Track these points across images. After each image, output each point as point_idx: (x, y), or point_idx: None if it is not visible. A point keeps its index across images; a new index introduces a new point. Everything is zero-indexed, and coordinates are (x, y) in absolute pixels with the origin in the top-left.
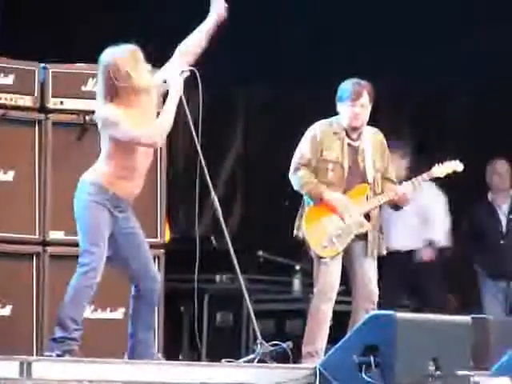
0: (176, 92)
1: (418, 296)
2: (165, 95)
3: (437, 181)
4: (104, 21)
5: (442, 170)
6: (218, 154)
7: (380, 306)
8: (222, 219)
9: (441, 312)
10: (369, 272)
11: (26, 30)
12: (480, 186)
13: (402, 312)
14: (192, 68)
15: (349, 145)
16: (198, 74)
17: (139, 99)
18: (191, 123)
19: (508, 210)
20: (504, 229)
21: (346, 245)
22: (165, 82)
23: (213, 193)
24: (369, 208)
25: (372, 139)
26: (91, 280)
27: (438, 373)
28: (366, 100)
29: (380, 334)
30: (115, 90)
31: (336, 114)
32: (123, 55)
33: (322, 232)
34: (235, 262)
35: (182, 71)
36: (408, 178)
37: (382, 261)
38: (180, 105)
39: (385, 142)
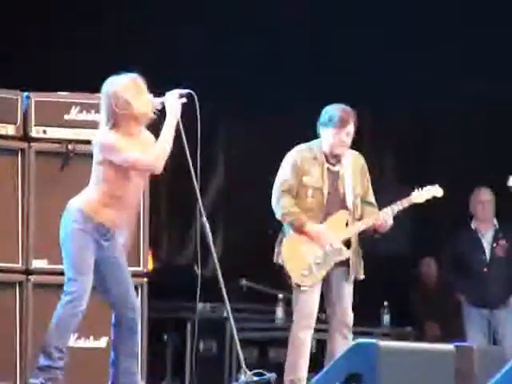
0: (173, 116)
1: None
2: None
3: (417, 207)
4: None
5: (421, 195)
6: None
7: None
8: (212, 245)
9: None
10: (346, 297)
11: (5, 59)
12: (463, 214)
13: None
14: (190, 91)
15: (328, 169)
16: (195, 97)
17: (139, 128)
18: (187, 150)
19: (491, 239)
20: (487, 257)
21: (325, 273)
22: (162, 104)
23: (204, 218)
24: (348, 235)
25: (352, 163)
26: (76, 308)
27: None
28: (351, 128)
29: (363, 362)
30: (115, 118)
31: (316, 137)
32: (123, 83)
33: (302, 260)
34: (222, 285)
35: (180, 95)
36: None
37: None
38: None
39: (365, 165)
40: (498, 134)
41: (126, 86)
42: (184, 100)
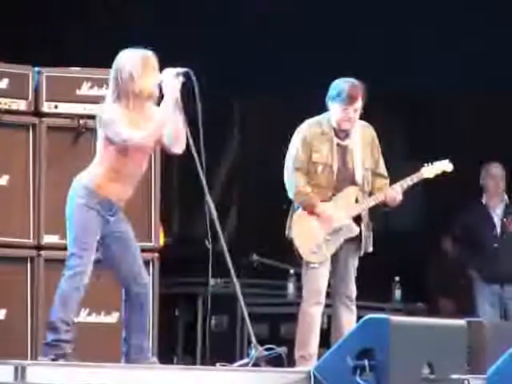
0: (171, 95)
1: None
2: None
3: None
4: (98, 24)
5: (431, 170)
6: (215, 158)
7: None
8: (217, 223)
9: None
10: (352, 272)
11: (18, 34)
12: (474, 189)
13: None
14: (187, 69)
15: (338, 144)
16: (192, 75)
17: (142, 104)
18: (188, 128)
19: (502, 213)
20: (498, 232)
21: (334, 250)
22: (160, 82)
23: (207, 196)
24: (358, 211)
25: (361, 135)
26: (78, 283)
27: (433, 376)
28: (359, 104)
29: (375, 338)
30: (118, 91)
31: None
32: (132, 57)
33: (311, 237)
34: (230, 265)
35: (177, 73)
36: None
37: None
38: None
39: (375, 135)
40: (509, 108)
41: (133, 61)
42: (181, 79)
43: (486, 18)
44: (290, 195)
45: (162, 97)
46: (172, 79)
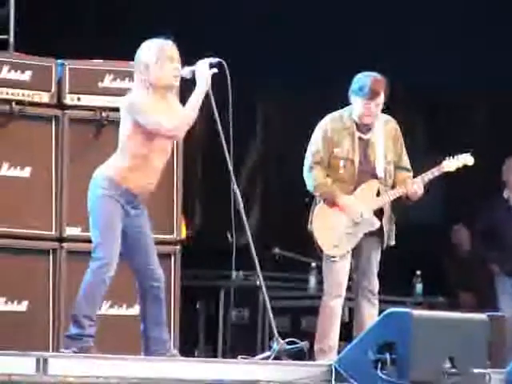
0: (202, 85)
1: None
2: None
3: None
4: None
5: (452, 163)
6: (238, 154)
7: None
8: (243, 212)
9: None
10: (374, 266)
11: (43, 26)
12: (496, 184)
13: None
14: (220, 60)
15: (359, 138)
16: (226, 66)
17: (162, 95)
18: (218, 119)
19: None
20: None
21: (355, 244)
22: (193, 73)
23: (235, 186)
24: (379, 204)
25: (384, 128)
26: (105, 274)
27: (454, 370)
28: (382, 99)
29: (396, 331)
30: (138, 82)
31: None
32: (148, 48)
33: (332, 231)
34: (255, 257)
35: (211, 64)
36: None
37: None
38: (204, 99)
39: (398, 129)
40: None
41: (149, 52)
42: (215, 70)
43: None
44: (310, 189)
45: (194, 85)
46: (205, 70)
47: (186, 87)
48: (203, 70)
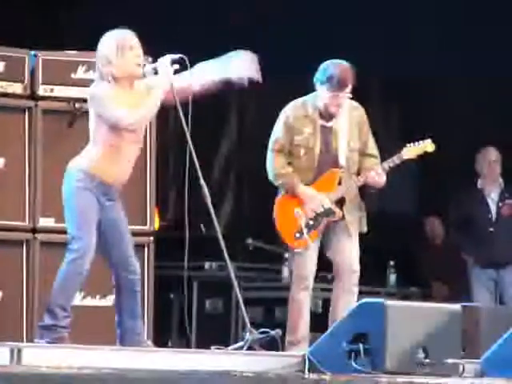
0: (164, 81)
1: None
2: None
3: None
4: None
5: (412, 150)
6: (213, 142)
7: None
8: (210, 206)
9: None
10: (351, 252)
11: (15, 17)
12: (468, 173)
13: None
14: (182, 56)
15: (322, 126)
16: (188, 62)
17: (128, 84)
18: (181, 112)
19: (497, 198)
20: (493, 216)
21: (318, 235)
22: (155, 70)
23: (201, 180)
24: (340, 194)
25: (349, 115)
26: (80, 267)
27: (428, 361)
28: (349, 88)
29: (369, 322)
30: (101, 74)
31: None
32: (107, 41)
33: (293, 222)
34: (224, 248)
35: (173, 60)
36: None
37: None
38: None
39: (365, 115)
40: (506, 94)
41: (108, 44)
42: (176, 66)
43: (487, 4)
44: (271, 178)
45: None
46: (166, 66)
47: None
48: (165, 67)
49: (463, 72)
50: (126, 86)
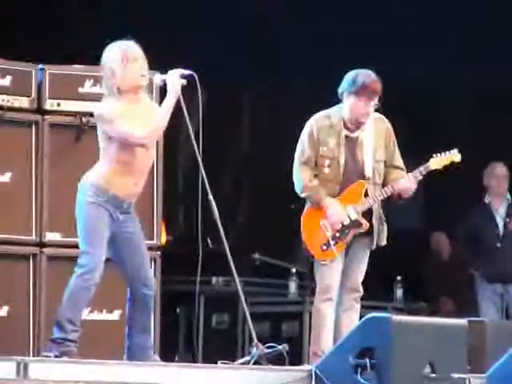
0: (173, 93)
1: None
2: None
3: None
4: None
5: (439, 161)
6: (224, 156)
7: None
8: (219, 222)
9: None
10: (363, 266)
11: (23, 32)
12: (476, 189)
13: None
14: (192, 72)
15: (346, 137)
16: (197, 79)
17: (134, 97)
18: (190, 127)
19: (505, 213)
20: (501, 232)
21: (344, 247)
22: (164, 82)
23: (210, 196)
24: (368, 205)
25: (375, 127)
26: (89, 282)
27: (434, 375)
28: (377, 98)
29: (376, 337)
30: (107, 87)
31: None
32: (110, 53)
33: (320, 235)
34: (232, 264)
35: (182, 75)
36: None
37: None
38: (179, 107)
39: (390, 128)
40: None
41: (112, 56)
42: (184, 82)
43: (487, 12)
44: (297, 190)
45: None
46: (175, 80)
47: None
48: (174, 80)
49: (471, 85)
50: (133, 98)
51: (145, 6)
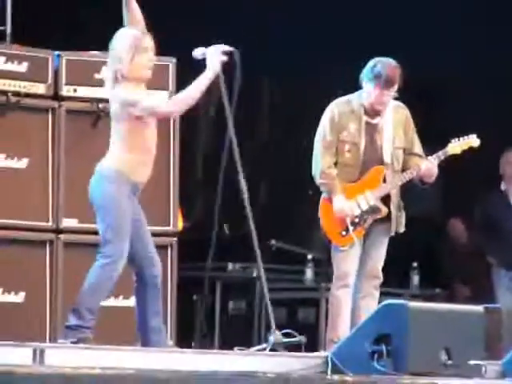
0: (212, 68)
1: None
2: None
3: (448, 166)
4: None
5: (457, 146)
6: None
7: None
8: (247, 202)
9: None
10: (382, 252)
11: (39, 18)
12: (493, 176)
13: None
14: (233, 49)
15: (367, 123)
16: (237, 56)
17: (136, 86)
18: (228, 106)
19: None
20: None
21: (363, 232)
22: (204, 55)
23: (241, 176)
24: (387, 190)
25: (394, 114)
26: (112, 272)
27: (451, 362)
28: (396, 87)
29: (392, 323)
30: (115, 74)
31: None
32: (122, 39)
33: (339, 221)
34: (257, 249)
35: (223, 51)
36: None
37: None
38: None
39: (409, 116)
40: None
41: (122, 40)
42: (225, 58)
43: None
44: (314, 174)
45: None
46: (216, 55)
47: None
48: (214, 55)
49: (491, 71)
50: (134, 86)
51: None
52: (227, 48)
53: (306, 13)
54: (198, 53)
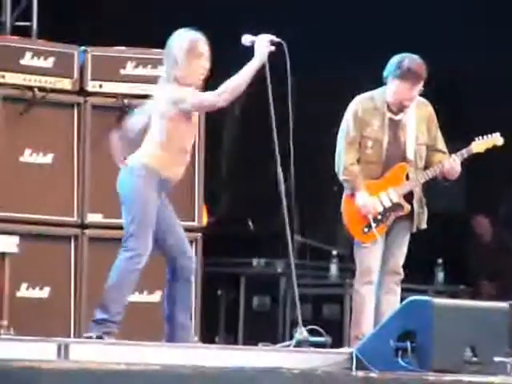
0: (259, 57)
1: None
2: None
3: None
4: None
5: (481, 144)
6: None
7: None
8: (283, 195)
9: None
10: (404, 248)
11: (65, 13)
12: None
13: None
14: (281, 40)
15: (390, 119)
16: (286, 48)
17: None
18: (271, 97)
19: None
20: None
21: (385, 229)
22: (252, 43)
23: (279, 168)
24: (409, 187)
25: (417, 111)
26: (137, 265)
27: (475, 359)
28: (422, 83)
29: (417, 320)
30: (168, 73)
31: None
32: (180, 39)
33: (361, 217)
34: (290, 245)
35: (271, 41)
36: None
37: None
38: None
39: (433, 112)
40: None
41: (179, 43)
42: (273, 48)
43: None
44: (337, 170)
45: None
46: (264, 44)
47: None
48: (262, 44)
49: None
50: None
51: None
52: (276, 39)
53: (315, 14)
54: (246, 40)
